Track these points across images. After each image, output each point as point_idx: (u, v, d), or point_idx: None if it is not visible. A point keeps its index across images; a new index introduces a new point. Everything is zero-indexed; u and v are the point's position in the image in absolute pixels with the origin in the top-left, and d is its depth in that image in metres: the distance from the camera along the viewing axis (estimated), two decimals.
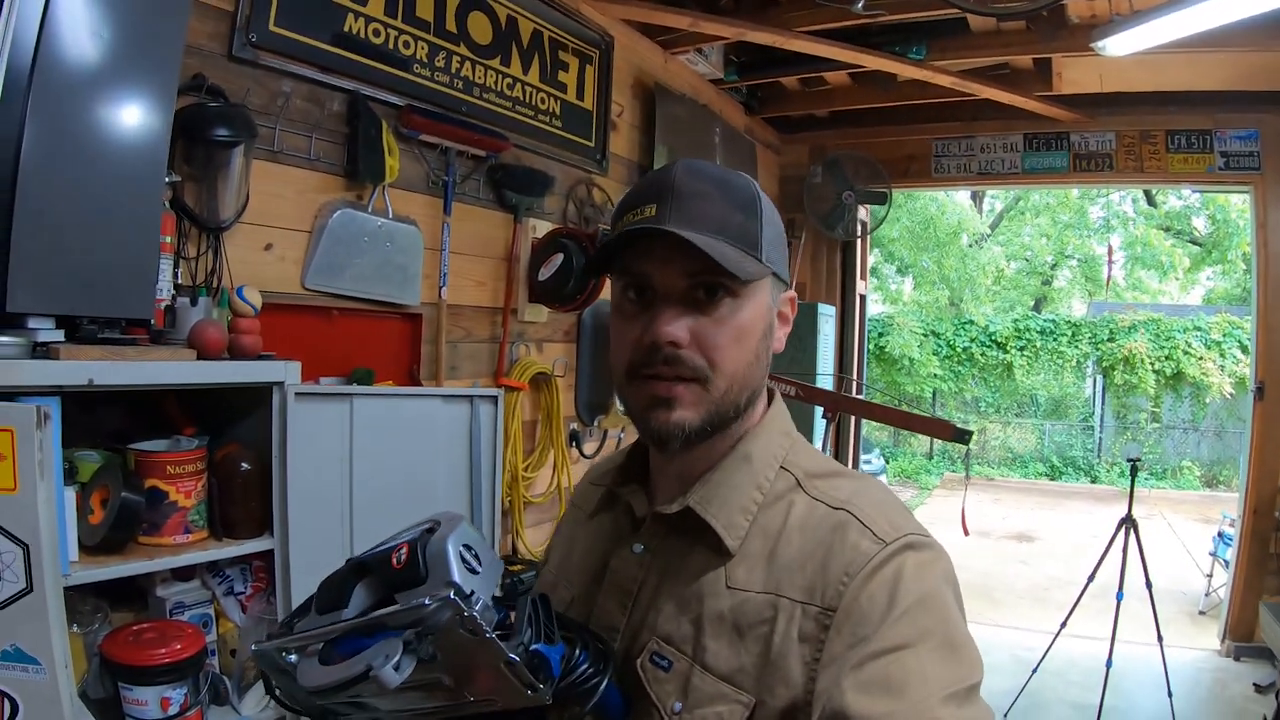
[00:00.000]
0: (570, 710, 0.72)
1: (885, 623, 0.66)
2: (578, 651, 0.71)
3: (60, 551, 1.33)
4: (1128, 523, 3.74)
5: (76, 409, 1.47)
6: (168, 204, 1.76)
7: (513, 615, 0.72)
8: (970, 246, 14.42)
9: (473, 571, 0.68)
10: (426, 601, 0.65)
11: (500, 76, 2.76)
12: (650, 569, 0.80)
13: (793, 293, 0.84)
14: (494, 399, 2.07)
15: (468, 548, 0.70)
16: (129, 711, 1.43)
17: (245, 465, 1.65)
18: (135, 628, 1.50)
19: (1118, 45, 3.27)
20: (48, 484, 1.17)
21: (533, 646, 0.68)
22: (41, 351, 1.34)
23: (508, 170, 2.78)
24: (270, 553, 1.66)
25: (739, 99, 4.60)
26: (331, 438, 1.77)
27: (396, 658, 0.64)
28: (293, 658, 0.71)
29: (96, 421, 1.62)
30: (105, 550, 1.44)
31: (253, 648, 0.76)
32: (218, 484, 1.62)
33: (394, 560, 0.70)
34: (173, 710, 1.43)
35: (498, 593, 0.72)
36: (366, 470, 1.82)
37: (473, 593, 0.66)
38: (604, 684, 0.71)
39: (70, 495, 1.41)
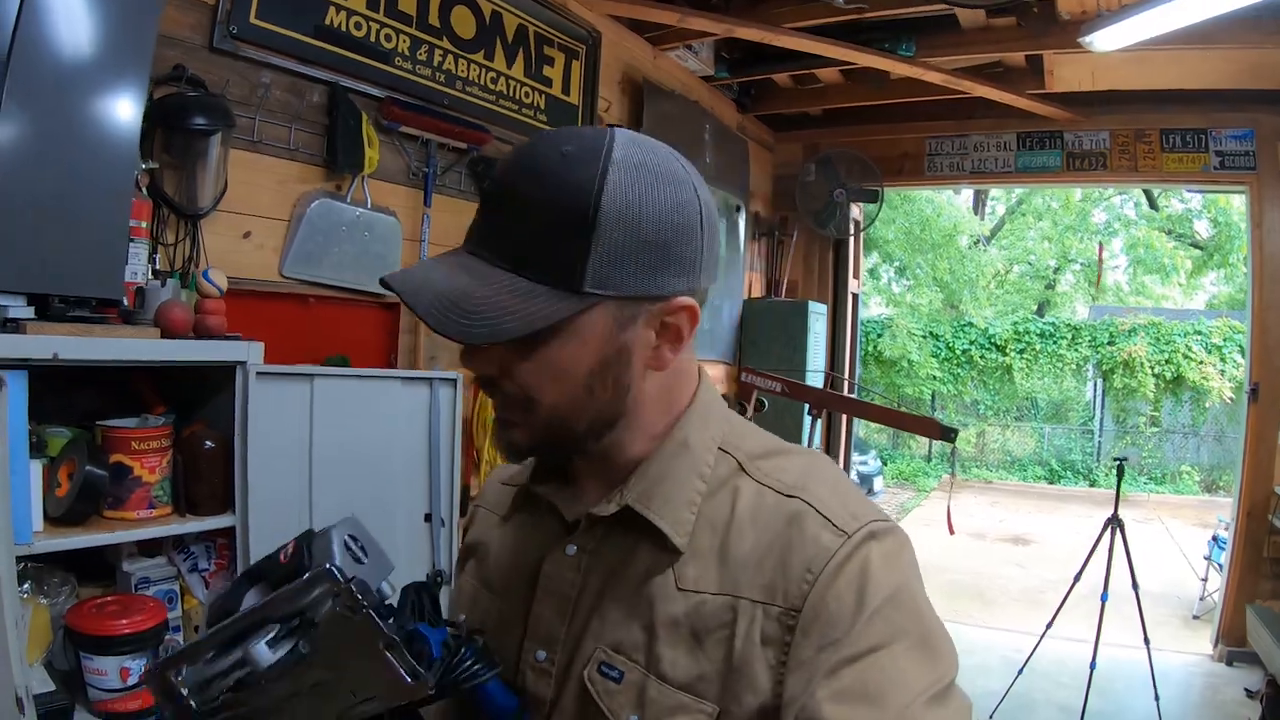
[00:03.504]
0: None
1: (856, 624, 0.62)
2: (464, 649, 0.66)
3: (25, 521, 1.37)
4: (1114, 523, 3.73)
5: (50, 389, 1.51)
6: (145, 190, 1.79)
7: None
8: (969, 249, 14.32)
9: (358, 561, 0.66)
10: (306, 578, 0.62)
11: (484, 70, 2.79)
12: (590, 572, 0.72)
13: (686, 299, 0.67)
14: (453, 382, 2.10)
15: (354, 539, 0.68)
16: (89, 681, 1.46)
17: (209, 443, 1.68)
18: (99, 600, 1.53)
19: (1106, 40, 3.27)
20: (1, 447, 1.20)
21: (412, 626, 0.64)
22: (11, 327, 1.38)
23: (489, 163, 2.80)
24: (233, 529, 1.69)
25: (731, 96, 4.61)
26: (292, 417, 1.79)
27: (271, 635, 0.62)
28: (184, 674, 0.65)
29: (71, 402, 1.65)
30: (69, 522, 1.48)
31: (143, 671, 0.72)
32: (183, 461, 1.65)
33: (281, 556, 0.68)
34: (132, 680, 1.46)
35: (388, 591, 0.69)
36: (327, 450, 1.85)
37: (354, 576, 0.62)
38: (490, 676, 0.66)
39: (37, 468, 1.45)
